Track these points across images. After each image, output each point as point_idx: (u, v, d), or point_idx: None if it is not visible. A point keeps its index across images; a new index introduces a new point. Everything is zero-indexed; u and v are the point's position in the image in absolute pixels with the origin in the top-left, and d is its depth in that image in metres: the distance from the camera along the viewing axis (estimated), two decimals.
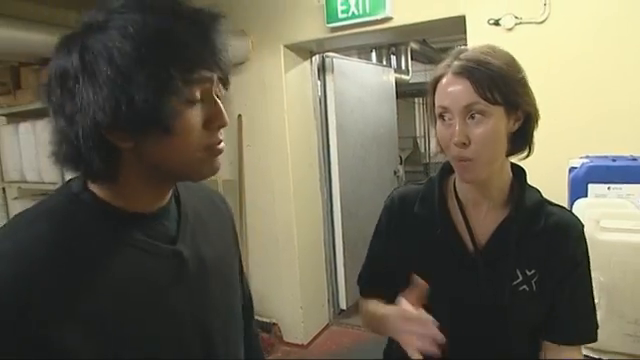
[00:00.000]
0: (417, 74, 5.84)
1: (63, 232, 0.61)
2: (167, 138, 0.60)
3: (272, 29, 3.01)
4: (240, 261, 0.95)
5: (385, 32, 2.75)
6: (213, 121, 0.64)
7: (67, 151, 0.61)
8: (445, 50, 4.00)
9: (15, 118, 3.29)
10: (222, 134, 0.66)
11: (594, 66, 2.17)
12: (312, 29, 2.87)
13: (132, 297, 0.63)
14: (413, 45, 5.14)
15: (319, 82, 3.47)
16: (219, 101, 0.65)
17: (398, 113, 4.53)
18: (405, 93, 5.89)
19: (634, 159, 1.72)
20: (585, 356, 1.34)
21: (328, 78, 3.50)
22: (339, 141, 3.56)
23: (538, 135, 2.21)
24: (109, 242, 0.64)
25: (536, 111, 0.91)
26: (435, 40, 5.39)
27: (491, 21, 2.33)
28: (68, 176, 2.69)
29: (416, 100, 7.24)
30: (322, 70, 3.48)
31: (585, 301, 0.97)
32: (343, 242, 3.64)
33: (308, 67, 3.34)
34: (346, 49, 3.70)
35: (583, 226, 0.97)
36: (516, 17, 2.27)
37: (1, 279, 0.56)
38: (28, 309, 0.55)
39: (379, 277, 1.09)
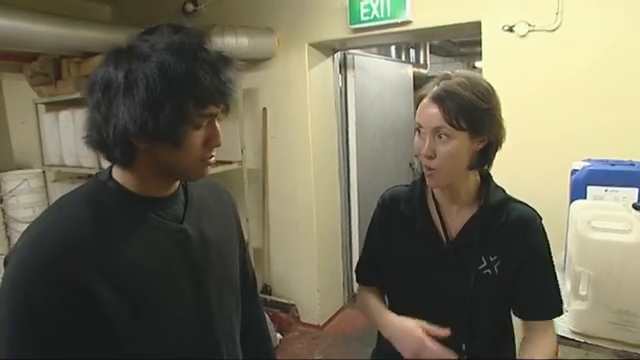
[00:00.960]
0: (435, 66, 5.92)
1: (96, 211, 0.78)
2: (175, 150, 0.77)
3: (297, 28, 3.16)
4: (243, 244, 1.13)
5: (404, 34, 2.88)
6: (211, 141, 0.81)
7: (96, 138, 0.77)
8: (464, 44, 4.17)
9: (56, 106, 3.50)
10: (215, 151, 0.84)
11: (601, 74, 2.29)
12: (335, 29, 3.01)
13: (147, 264, 0.80)
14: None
15: (340, 77, 3.62)
16: (218, 126, 0.82)
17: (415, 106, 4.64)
18: None
19: (632, 164, 1.85)
20: (573, 340, 1.51)
21: (349, 74, 3.65)
22: (358, 134, 3.73)
23: (545, 138, 2.38)
24: (130, 220, 0.81)
25: (500, 136, 1.08)
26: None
27: (505, 27, 2.45)
28: (104, 161, 2.87)
29: None
30: (343, 66, 3.63)
31: (548, 282, 1.15)
32: (359, 230, 3.82)
33: (330, 64, 3.49)
34: (369, 46, 3.83)
35: (541, 219, 1.15)
36: (529, 24, 2.40)
37: (54, 241, 0.73)
38: (74, 265, 0.71)
39: (372, 266, 1.30)
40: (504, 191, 1.18)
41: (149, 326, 0.79)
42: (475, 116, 1.02)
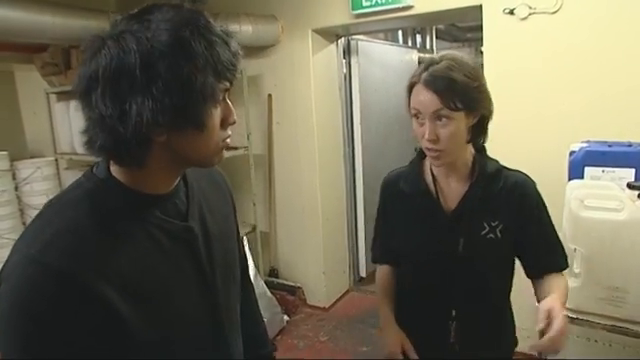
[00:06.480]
0: (443, 52, 5.88)
1: (99, 215, 0.72)
2: (197, 134, 0.72)
3: (301, 14, 3.18)
4: (237, 229, 1.08)
5: (406, 19, 2.89)
6: (227, 119, 0.77)
7: (106, 141, 0.68)
8: (471, 29, 4.15)
9: (66, 96, 3.57)
10: (230, 130, 0.80)
11: (602, 56, 2.29)
12: (338, 15, 3.03)
13: (157, 267, 0.77)
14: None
15: (344, 63, 3.64)
16: (230, 103, 0.78)
17: None
18: None
19: (629, 145, 1.87)
20: (566, 316, 1.56)
21: (353, 59, 3.66)
22: (362, 119, 3.75)
23: (545, 120, 2.40)
24: (136, 222, 0.76)
25: (491, 109, 1.16)
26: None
27: (506, 10, 2.45)
28: None
29: None
30: (347, 52, 3.64)
31: (551, 237, 1.23)
32: (364, 214, 3.86)
33: (334, 49, 3.51)
34: (371, 31, 3.84)
35: (535, 183, 1.23)
36: (530, 7, 2.40)
37: (58, 255, 0.66)
38: (83, 279, 0.66)
39: (385, 245, 1.39)
40: (497, 162, 1.25)
41: (162, 330, 0.77)
42: (468, 95, 1.09)
